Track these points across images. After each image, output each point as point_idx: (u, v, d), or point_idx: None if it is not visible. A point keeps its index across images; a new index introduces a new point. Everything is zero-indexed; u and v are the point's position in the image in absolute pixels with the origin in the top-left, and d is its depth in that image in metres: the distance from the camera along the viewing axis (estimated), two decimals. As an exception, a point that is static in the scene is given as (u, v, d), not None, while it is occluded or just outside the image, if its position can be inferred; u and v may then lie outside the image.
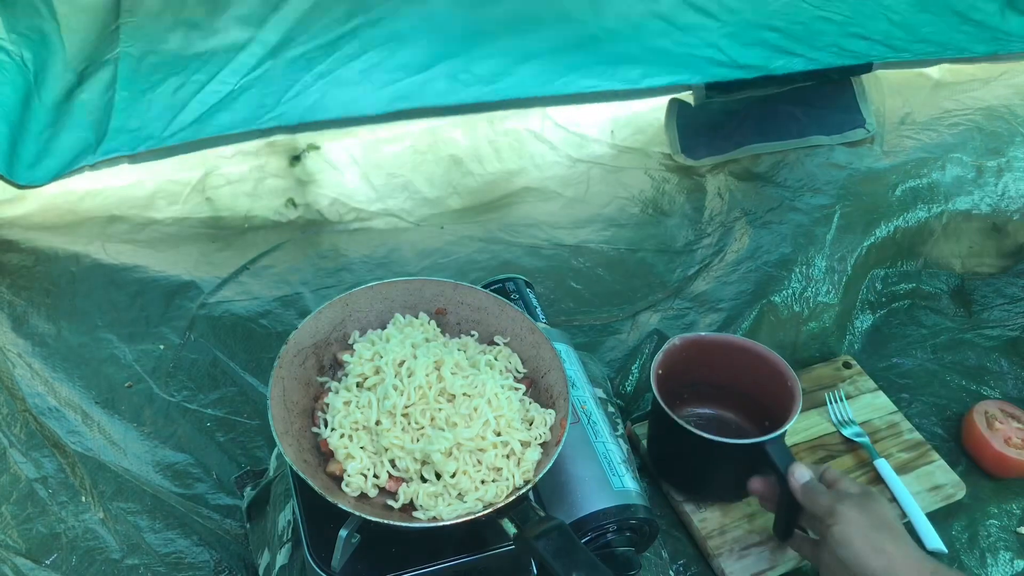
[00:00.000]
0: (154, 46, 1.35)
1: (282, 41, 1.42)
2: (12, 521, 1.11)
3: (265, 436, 1.24)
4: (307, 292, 1.45)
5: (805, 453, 1.26)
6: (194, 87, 1.43)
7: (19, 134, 1.35)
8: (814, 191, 1.62)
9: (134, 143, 1.46)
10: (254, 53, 1.42)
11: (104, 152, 1.45)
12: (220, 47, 1.40)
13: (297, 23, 1.40)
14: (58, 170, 1.44)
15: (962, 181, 1.63)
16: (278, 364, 0.92)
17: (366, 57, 1.49)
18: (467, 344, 0.99)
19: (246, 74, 1.44)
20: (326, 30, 1.43)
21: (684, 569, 1.14)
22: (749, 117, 1.78)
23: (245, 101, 1.48)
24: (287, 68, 1.45)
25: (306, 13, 1.39)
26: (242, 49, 1.41)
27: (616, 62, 1.64)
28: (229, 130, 1.51)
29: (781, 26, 1.65)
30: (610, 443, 1.06)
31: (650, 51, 1.64)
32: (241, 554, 1.11)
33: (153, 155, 1.49)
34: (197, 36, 1.37)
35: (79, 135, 1.41)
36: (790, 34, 1.67)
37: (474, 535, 0.88)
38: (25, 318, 1.35)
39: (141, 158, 1.48)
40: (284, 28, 1.40)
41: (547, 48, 1.59)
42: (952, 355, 1.46)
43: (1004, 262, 1.62)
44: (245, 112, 1.49)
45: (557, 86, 1.66)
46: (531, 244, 1.60)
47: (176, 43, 1.36)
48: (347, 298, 0.99)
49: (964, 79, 1.90)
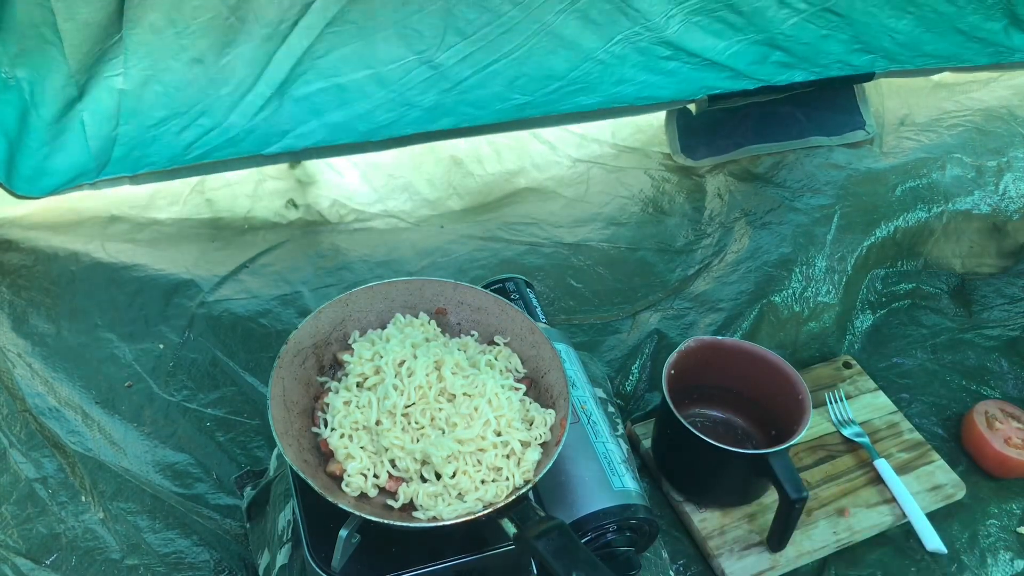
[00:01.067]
0: (157, 73, 1.33)
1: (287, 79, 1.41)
2: (12, 521, 1.11)
3: (265, 436, 1.24)
4: (307, 291, 1.45)
5: (805, 453, 1.26)
6: (199, 130, 1.42)
7: (17, 148, 1.35)
8: (814, 191, 1.62)
9: (135, 168, 1.45)
10: (261, 94, 1.41)
11: (105, 174, 1.44)
12: (225, 86, 1.39)
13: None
14: (56, 186, 1.43)
15: (962, 181, 1.63)
16: (278, 364, 0.92)
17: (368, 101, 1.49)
18: (467, 344, 0.99)
19: (253, 116, 1.43)
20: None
21: (684, 569, 1.14)
22: (748, 118, 1.78)
23: (251, 140, 1.47)
24: (293, 106, 1.45)
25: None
26: (249, 90, 1.40)
27: (620, 84, 1.64)
28: (234, 155, 1.50)
29: (787, 46, 1.66)
30: (610, 443, 1.06)
31: (656, 74, 1.64)
32: (241, 554, 1.11)
33: (154, 176, 1.48)
34: (201, 72, 1.36)
35: (79, 159, 1.40)
36: (796, 53, 1.68)
37: (474, 535, 0.88)
38: (25, 318, 1.35)
39: (142, 179, 1.47)
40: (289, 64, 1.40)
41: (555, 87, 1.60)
42: (952, 355, 1.46)
43: (1004, 262, 1.62)
44: (249, 146, 1.49)
45: (560, 107, 1.65)
46: (531, 242, 1.60)
47: (179, 74, 1.35)
48: (347, 298, 0.99)
49: (963, 81, 1.91)
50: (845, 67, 1.73)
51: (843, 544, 1.17)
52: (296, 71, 1.40)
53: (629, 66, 1.59)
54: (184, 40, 1.32)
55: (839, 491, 1.22)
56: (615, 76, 1.60)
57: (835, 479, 1.23)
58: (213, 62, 1.35)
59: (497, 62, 1.49)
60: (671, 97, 1.68)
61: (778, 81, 1.71)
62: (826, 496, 1.21)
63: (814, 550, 1.15)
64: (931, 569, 1.17)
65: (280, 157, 1.53)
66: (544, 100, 1.59)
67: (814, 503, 1.19)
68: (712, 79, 1.67)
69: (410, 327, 0.99)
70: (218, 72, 1.36)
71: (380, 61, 1.44)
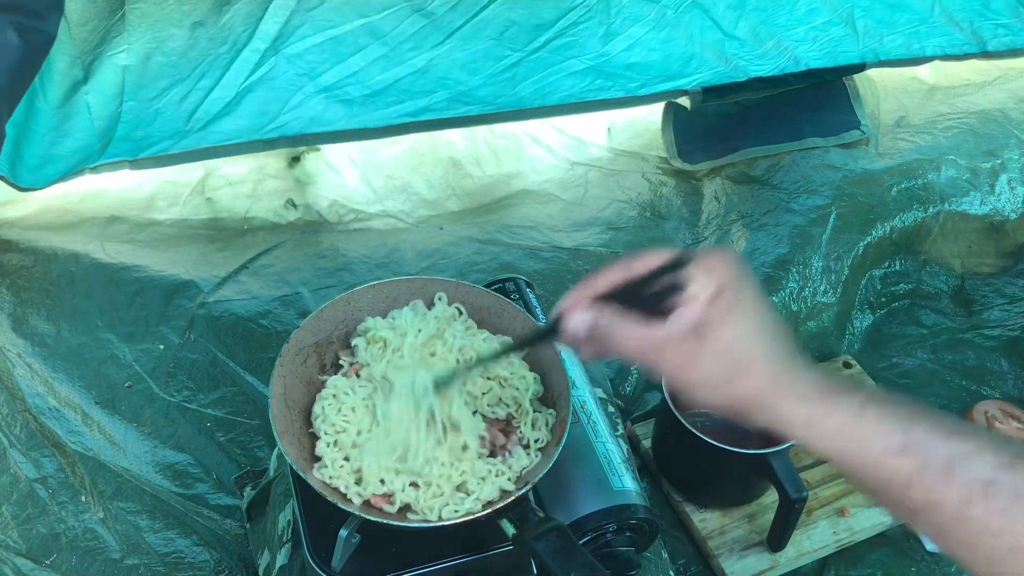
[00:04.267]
0: (160, 43, 1.34)
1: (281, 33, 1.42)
2: (12, 521, 1.11)
3: (265, 436, 1.24)
4: (307, 292, 1.45)
5: (805, 453, 1.26)
6: (200, 94, 1.43)
7: (23, 137, 1.35)
8: (810, 193, 1.63)
9: (137, 150, 1.46)
10: (256, 49, 1.41)
11: (107, 156, 1.44)
12: (224, 44, 1.39)
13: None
14: (61, 173, 1.43)
15: (957, 182, 1.64)
16: (279, 362, 0.91)
17: (366, 68, 1.50)
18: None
19: (249, 74, 1.44)
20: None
21: (684, 569, 1.14)
22: (745, 121, 1.79)
23: (248, 106, 1.47)
24: (288, 66, 1.45)
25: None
26: (245, 46, 1.41)
27: (609, 38, 1.64)
28: (233, 139, 1.51)
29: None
30: (610, 443, 1.06)
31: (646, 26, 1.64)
32: (241, 554, 1.11)
33: (155, 161, 1.48)
34: (202, 34, 1.36)
35: (85, 142, 1.40)
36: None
37: (474, 535, 0.88)
38: (25, 318, 1.35)
39: (143, 164, 1.48)
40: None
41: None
42: (952, 355, 1.46)
43: (1004, 262, 1.63)
44: (248, 120, 1.49)
45: (555, 98, 1.66)
46: (530, 247, 1.60)
47: (181, 41, 1.35)
48: (350, 296, 0.99)
49: (958, 83, 1.92)
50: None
51: (843, 544, 1.17)
52: (290, 24, 1.41)
53: (616, 11, 1.60)
54: (186, 6, 1.32)
55: (839, 491, 1.22)
56: (603, 26, 1.60)
57: (835, 479, 1.23)
58: (214, 22, 1.36)
59: (487, 8, 1.50)
60: (662, 67, 1.68)
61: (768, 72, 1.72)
62: (826, 496, 1.21)
63: (814, 550, 1.16)
64: (931, 569, 1.17)
65: (278, 143, 1.54)
66: (535, 60, 1.59)
67: (814, 503, 1.19)
68: (701, 42, 1.67)
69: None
70: (218, 31, 1.37)
71: (373, 8, 1.44)
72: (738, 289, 0.65)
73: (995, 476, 0.56)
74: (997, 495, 0.55)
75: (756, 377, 0.64)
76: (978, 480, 0.56)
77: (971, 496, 0.56)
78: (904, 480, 0.59)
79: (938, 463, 0.57)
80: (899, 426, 0.59)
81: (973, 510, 0.56)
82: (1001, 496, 0.55)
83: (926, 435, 0.59)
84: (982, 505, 0.56)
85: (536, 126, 1.81)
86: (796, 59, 1.73)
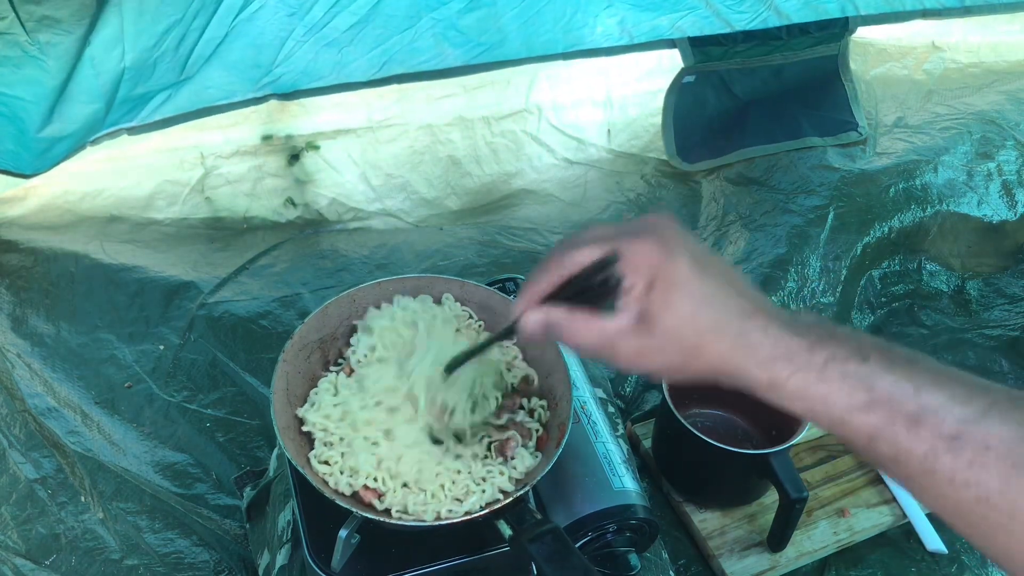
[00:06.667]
0: None
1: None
2: (12, 522, 1.11)
3: (265, 436, 1.24)
4: (306, 292, 1.44)
5: (805, 454, 1.26)
6: (195, 34, 1.43)
7: (29, 121, 1.36)
8: (808, 193, 1.63)
9: (135, 112, 1.45)
10: None
11: (109, 124, 1.44)
12: None
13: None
14: (68, 149, 1.43)
15: (954, 183, 1.65)
16: (283, 358, 0.91)
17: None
18: None
19: (241, 8, 1.44)
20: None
21: (684, 569, 1.14)
22: (744, 120, 1.79)
23: (242, 54, 1.47)
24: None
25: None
26: None
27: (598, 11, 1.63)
28: (226, 98, 1.50)
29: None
30: (610, 443, 1.06)
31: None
32: (241, 554, 1.11)
33: (153, 126, 1.48)
34: None
35: (90, 106, 1.41)
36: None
37: (473, 536, 0.88)
38: (25, 318, 1.35)
39: (140, 129, 1.47)
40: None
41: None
42: (952, 355, 1.46)
43: (1004, 262, 1.63)
44: (241, 72, 1.49)
45: (540, 46, 1.63)
46: (530, 248, 1.60)
47: None
48: (355, 293, 0.98)
49: (956, 86, 1.93)
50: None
51: (843, 544, 1.17)
52: None
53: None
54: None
55: (839, 491, 1.22)
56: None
57: (835, 479, 1.23)
58: None
59: None
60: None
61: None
62: (826, 496, 1.21)
63: (814, 550, 1.16)
64: (931, 569, 1.17)
65: (269, 99, 1.54)
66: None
67: (814, 503, 1.20)
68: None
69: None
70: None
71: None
72: (671, 272, 0.63)
73: (962, 429, 0.56)
74: (963, 449, 0.55)
75: (709, 355, 0.63)
76: (944, 434, 0.56)
77: (936, 450, 0.56)
78: (869, 434, 0.59)
79: (903, 418, 0.57)
80: (863, 383, 0.59)
81: (939, 463, 0.56)
82: (967, 450, 0.55)
83: (893, 389, 0.58)
84: (948, 458, 0.56)
85: (535, 124, 1.81)
86: (778, 10, 1.72)
